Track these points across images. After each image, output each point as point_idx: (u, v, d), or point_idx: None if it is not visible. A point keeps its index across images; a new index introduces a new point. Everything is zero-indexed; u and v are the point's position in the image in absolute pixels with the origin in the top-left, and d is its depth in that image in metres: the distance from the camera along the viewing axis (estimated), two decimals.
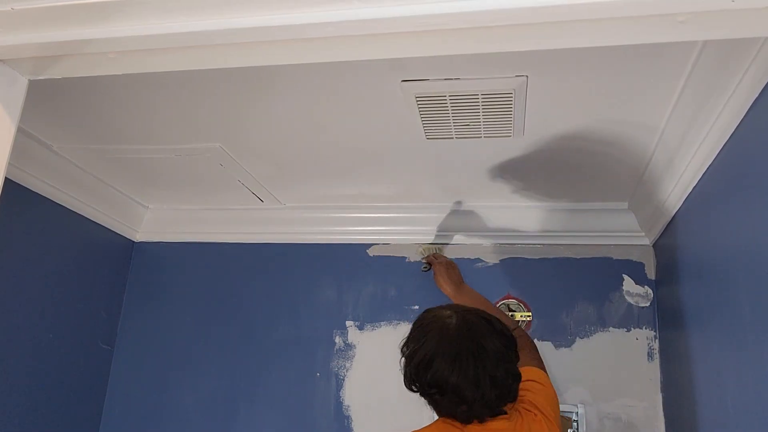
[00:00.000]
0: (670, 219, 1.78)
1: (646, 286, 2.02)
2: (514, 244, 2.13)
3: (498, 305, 2.06)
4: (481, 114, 1.49)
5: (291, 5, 0.84)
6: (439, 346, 1.25)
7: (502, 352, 1.24)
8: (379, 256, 2.24)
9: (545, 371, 1.52)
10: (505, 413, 1.27)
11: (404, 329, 2.11)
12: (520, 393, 1.34)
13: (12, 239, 1.85)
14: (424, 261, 2.15)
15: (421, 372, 1.26)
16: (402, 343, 1.34)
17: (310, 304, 2.24)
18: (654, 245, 2.02)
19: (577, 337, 2.01)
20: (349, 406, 2.10)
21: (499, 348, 1.24)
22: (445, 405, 1.27)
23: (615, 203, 2.05)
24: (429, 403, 1.30)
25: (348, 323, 2.19)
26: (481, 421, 1.25)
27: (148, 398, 2.24)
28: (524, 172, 1.85)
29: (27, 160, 1.83)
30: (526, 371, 1.44)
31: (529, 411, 1.33)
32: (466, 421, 1.26)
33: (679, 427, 1.73)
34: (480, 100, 1.42)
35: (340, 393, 2.12)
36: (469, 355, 1.22)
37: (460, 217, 2.17)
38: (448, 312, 1.31)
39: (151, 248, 2.43)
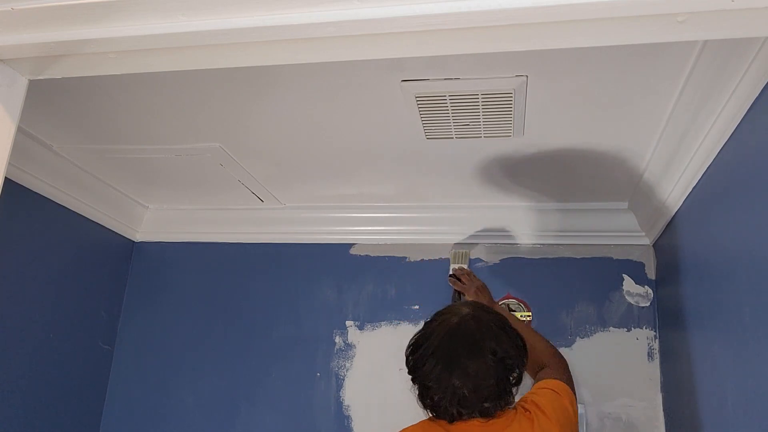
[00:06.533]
0: (670, 219, 1.78)
1: (646, 286, 2.02)
2: (514, 244, 2.13)
3: (498, 305, 2.06)
4: (481, 114, 1.49)
5: (291, 5, 0.84)
6: (430, 338, 1.31)
7: (479, 372, 1.25)
8: (379, 256, 2.24)
9: (569, 386, 1.48)
10: (485, 416, 1.28)
11: (404, 329, 2.14)
12: (529, 396, 1.38)
13: (12, 239, 1.85)
14: (452, 287, 1.98)
15: (408, 354, 1.35)
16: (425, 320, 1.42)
17: (310, 304, 2.24)
18: (654, 245, 2.02)
19: (577, 337, 2.01)
20: (349, 406, 2.10)
21: (478, 367, 1.25)
22: (418, 392, 1.33)
23: (615, 203, 2.05)
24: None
25: (348, 323, 2.19)
26: (449, 421, 1.29)
27: (148, 398, 2.24)
28: (524, 172, 1.85)
29: (27, 160, 1.83)
30: (548, 382, 1.45)
31: (527, 411, 1.33)
32: (435, 415, 1.31)
33: (679, 427, 1.73)
34: (480, 100, 1.42)
35: (340, 393, 2.12)
36: (441, 359, 1.27)
37: (459, 217, 2.17)
38: (464, 310, 1.35)
39: (151, 248, 2.43)
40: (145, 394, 2.25)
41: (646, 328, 1.97)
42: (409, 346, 1.37)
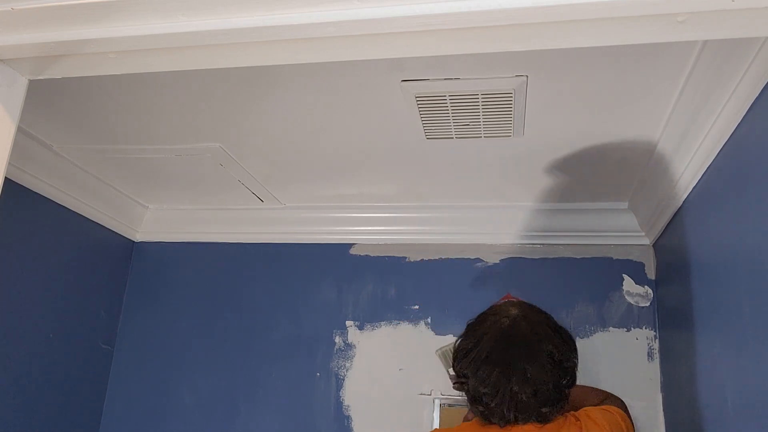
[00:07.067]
0: (670, 219, 1.78)
1: (646, 286, 2.02)
2: (514, 244, 2.13)
3: None
4: (481, 114, 1.49)
5: (291, 5, 0.84)
6: (481, 342, 1.28)
7: (537, 375, 1.23)
8: (379, 256, 2.24)
9: (626, 414, 1.44)
10: (541, 421, 1.25)
11: (404, 329, 2.14)
12: (582, 410, 1.34)
13: (12, 239, 1.85)
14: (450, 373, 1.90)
15: (458, 357, 1.31)
16: (469, 321, 1.39)
17: (310, 304, 2.24)
18: (654, 245, 2.02)
19: (577, 337, 2.00)
20: (349, 406, 2.10)
21: (536, 371, 1.23)
22: (468, 394, 1.30)
23: (615, 203, 2.05)
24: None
25: (348, 323, 2.19)
26: (502, 425, 1.26)
27: (148, 398, 2.24)
28: (524, 172, 1.85)
29: (27, 160, 1.83)
30: (602, 405, 1.42)
31: (578, 419, 1.30)
32: (486, 420, 1.28)
33: (679, 427, 1.73)
34: (480, 100, 1.42)
35: (340, 393, 2.12)
36: (497, 364, 1.24)
37: (459, 217, 2.17)
38: (513, 311, 1.32)
39: (151, 248, 2.43)
40: (145, 394, 2.25)
41: (646, 328, 1.97)
42: (456, 351, 1.33)
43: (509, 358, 1.24)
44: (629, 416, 1.47)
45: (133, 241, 2.42)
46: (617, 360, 1.96)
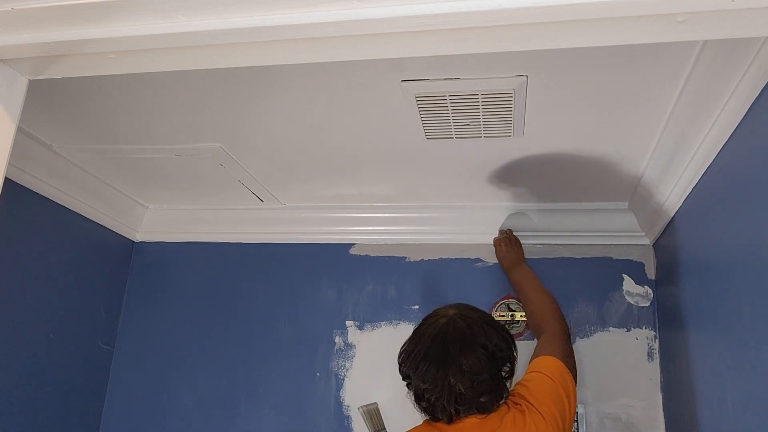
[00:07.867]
0: (670, 219, 1.78)
1: (646, 286, 2.02)
2: None
3: (498, 305, 2.06)
4: (481, 114, 1.49)
5: (291, 5, 0.84)
6: (420, 342, 1.34)
7: (472, 367, 1.28)
8: (379, 256, 2.24)
9: (566, 361, 1.48)
10: (482, 412, 1.30)
11: (404, 329, 2.14)
12: (518, 387, 1.40)
13: (12, 239, 1.85)
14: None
15: (401, 362, 1.37)
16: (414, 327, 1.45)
17: (310, 304, 2.24)
18: (654, 245, 2.02)
19: (577, 337, 2.01)
20: (349, 406, 2.10)
21: (472, 363, 1.28)
22: (413, 394, 1.35)
23: (615, 203, 2.05)
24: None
25: (348, 323, 2.19)
26: (447, 421, 1.31)
27: (148, 398, 2.24)
28: (524, 173, 1.85)
29: (27, 160, 1.83)
30: (539, 361, 1.46)
31: (517, 404, 1.35)
32: (432, 417, 1.33)
33: (679, 427, 1.73)
34: (480, 100, 1.42)
35: (340, 393, 2.12)
36: (434, 360, 1.30)
37: (459, 217, 2.17)
38: (450, 312, 1.38)
39: (151, 248, 2.43)
40: (145, 394, 2.25)
41: (646, 328, 1.97)
42: (400, 354, 1.39)
43: (445, 353, 1.29)
44: (570, 354, 1.52)
45: (133, 241, 2.43)
46: (617, 360, 1.96)
